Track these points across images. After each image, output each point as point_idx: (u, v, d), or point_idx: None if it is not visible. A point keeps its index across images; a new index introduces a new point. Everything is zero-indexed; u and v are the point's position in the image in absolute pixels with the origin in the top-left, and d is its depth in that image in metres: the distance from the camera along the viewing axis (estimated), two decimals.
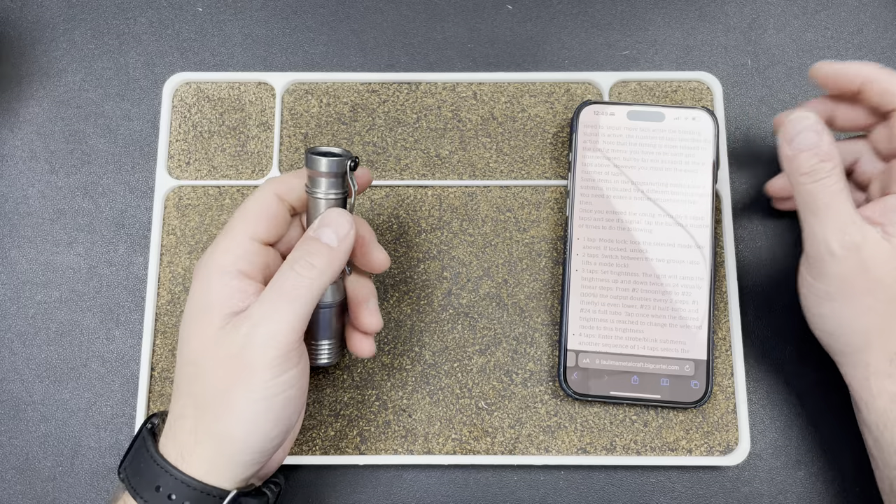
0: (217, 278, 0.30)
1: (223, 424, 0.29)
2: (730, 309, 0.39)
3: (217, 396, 0.29)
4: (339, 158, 0.31)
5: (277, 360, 0.29)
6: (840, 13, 0.44)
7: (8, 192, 0.42)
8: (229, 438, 0.29)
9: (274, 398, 0.29)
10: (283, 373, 0.29)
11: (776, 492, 0.38)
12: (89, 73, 0.43)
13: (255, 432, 0.29)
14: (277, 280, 0.30)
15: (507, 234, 0.40)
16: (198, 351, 0.30)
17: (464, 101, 0.42)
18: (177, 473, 0.29)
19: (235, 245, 0.31)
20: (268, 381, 0.29)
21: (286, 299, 0.29)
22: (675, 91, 0.42)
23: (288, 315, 0.29)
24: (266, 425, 0.29)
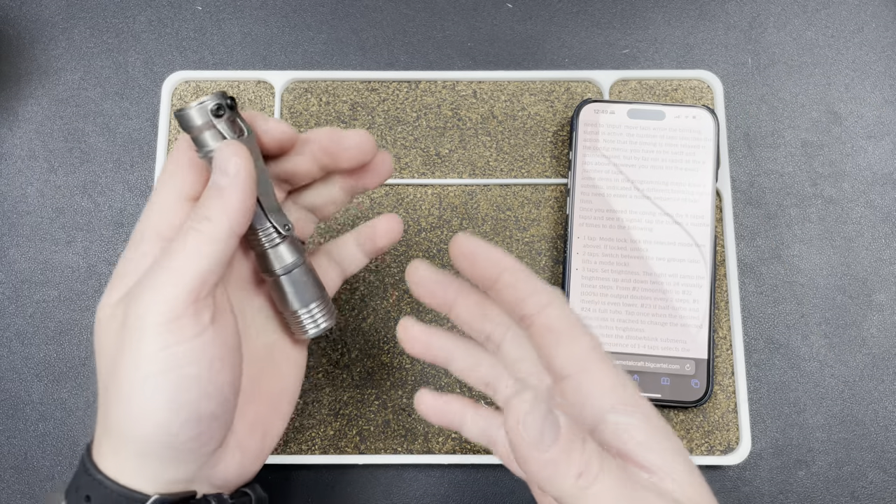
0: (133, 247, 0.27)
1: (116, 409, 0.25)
2: (730, 308, 0.39)
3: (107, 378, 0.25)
4: (198, 104, 0.26)
5: (163, 326, 0.24)
6: (840, 12, 0.44)
7: (7, 190, 0.41)
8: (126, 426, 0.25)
9: (166, 375, 0.24)
10: (174, 344, 0.24)
11: (777, 491, 0.38)
12: (88, 72, 0.43)
13: (150, 419, 0.24)
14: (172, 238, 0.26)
15: (507, 233, 0.40)
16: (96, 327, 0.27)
17: (464, 100, 0.42)
18: (93, 472, 0.25)
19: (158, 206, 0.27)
20: (154, 353, 0.24)
21: (172, 256, 0.25)
22: (676, 89, 0.42)
23: (173, 274, 0.24)
24: (162, 411, 0.24)
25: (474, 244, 0.26)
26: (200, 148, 0.27)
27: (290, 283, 0.29)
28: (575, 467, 0.22)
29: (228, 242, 0.25)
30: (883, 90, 0.43)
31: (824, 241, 0.41)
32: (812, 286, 0.40)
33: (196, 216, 0.25)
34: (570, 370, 0.25)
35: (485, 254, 0.26)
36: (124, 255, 0.27)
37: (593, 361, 0.25)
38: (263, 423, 0.29)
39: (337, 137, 0.28)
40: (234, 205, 0.25)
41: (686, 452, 0.24)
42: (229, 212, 0.25)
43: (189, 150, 0.27)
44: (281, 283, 0.29)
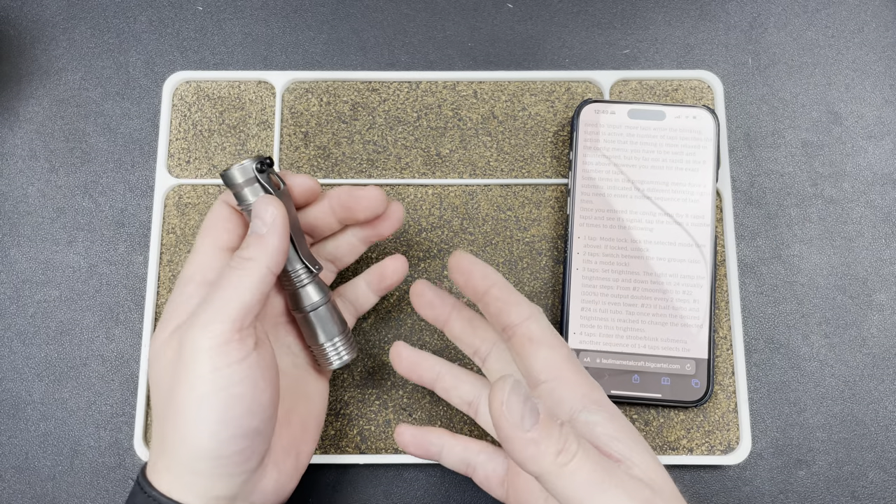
0: (180, 289, 0.31)
1: (172, 429, 0.28)
2: (731, 308, 0.39)
3: (166, 401, 0.29)
4: (240, 165, 0.31)
5: (213, 351, 0.27)
6: (841, 12, 0.44)
7: (8, 190, 0.41)
8: (181, 444, 0.28)
9: (217, 394, 0.27)
10: (224, 366, 0.27)
11: (777, 491, 0.38)
12: (89, 72, 0.43)
13: (202, 433, 0.27)
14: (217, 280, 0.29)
15: (508, 233, 0.40)
16: (151, 359, 0.30)
17: (464, 100, 0.42)
18: (147, 489, 0.28)
19: (198, 255, 0.31)
20: (206, 374, 0.27)
21: (219, 291, 0.28)
22: (676, 90, 0.42)
23: (221, 305, 0.28)
24: (213, 425, 0.27)
25: (469, 261, 0.31)
26: (242, 202, 0.31)
27: (317, 319, 0.33)
28: (554, 445, 0.24)
29: (267, 280, 0.29)
30: (883, 90, 0.43)
31: (824, 241, 0.41)
32: (812, 286, 0.40)
33: (239, 258, 0.29)
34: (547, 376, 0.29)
35: (478, 270, 0.31)
36: (171, 299, 0.31)
37: (567, 369, 0.29)
38: (296, 445, 0.32)
39: (353, 194, 0.33)
40: (271, 247, 0.29)
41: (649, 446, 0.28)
42: (268, 253, 0.29)
43: (225, 208, 0.32)
44: (310, 318, 0.33)
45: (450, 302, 0.34)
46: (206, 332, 0.28)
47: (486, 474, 0.33)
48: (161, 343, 0.30)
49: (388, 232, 0.35)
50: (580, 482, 0.24)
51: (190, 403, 0.27)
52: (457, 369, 0.34)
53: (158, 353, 0.30)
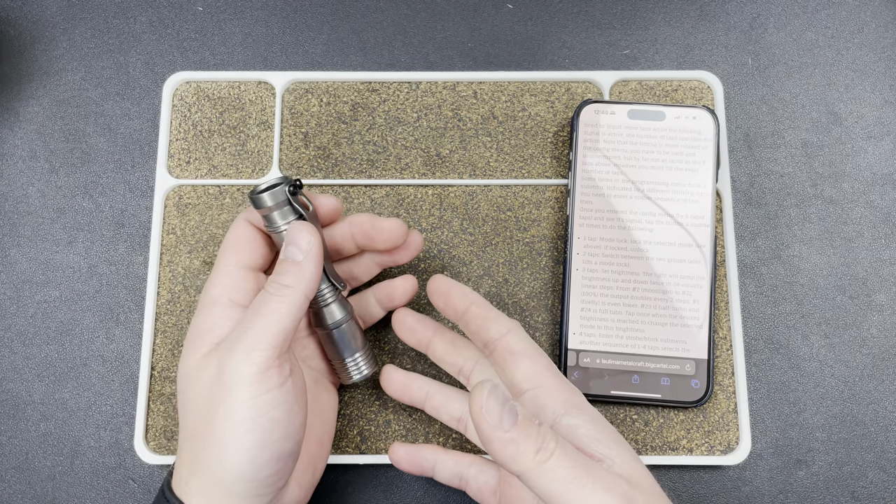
0: (208, 309, 0.31)
1: (209, 451, 0.28)
2: (730, 308, 0.39)
3: (202, 423, 0.29)
4: (272, 190, 0.31)
5: (254, 377, 0.28)
6: (840, 12, 0.44)
7: (8, 191, 0.42)
8: (217, 466, 0.28)
9: (256, 420, 0.28)
10: (264, 392, 0.28)
11: (777, 491, 0.38)
12: (89, 72, 0.43)
13: (242, 457, 0.28)
14: (253, 303, 0.30)
15: (508, 234, 0.40)
16: (184, 380, 0.30)
17: (464, 101, 0.42)
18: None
19: (224, 274, 0.32)
20: (247, 400, 0.28)
21: (259, 317, 0.29)
22: (676, 90, 0.42)
23: (260, 331, 0.29)
24: (252, 449, 0.28)
25: (447, 283, 0.33)
26: (271, 224, 0.32)
27: (340, 336, 0.34)
28: (533, 444, 0.25)
29: (304, 305, 0.30)
30: (883, 91, 0.43)
31: (824, 241, 0.41)
32: (812, 286, 0.40)
33: (278, 283, 0.30)
34: (529, 385, 0.30)
35: (456, 291, 0.32)
36: (197, 318, 0.31)
37: (547, 377, 0.30)
38: (314, 461, 0.33)
39: (375, 225, 0.34)
40: (308, 274, 0.30)
41: (630, 447, 0.29)
42: (305, 280, 0.30)
43: (247, 227, 0.33)
44: (333, 336, 0.34)
45: (431, 325, 0.35)
46: (247, 359, 0.28)
47: (479, 486, 0.34)
48: (194, 366, 0.30)
49: (406, 260, 0.36)
50: (559, 479, 0.25)
51: (229, 428, 0.28)
52: (446, 388, 0.36)
53: (192, 376, 0.30)
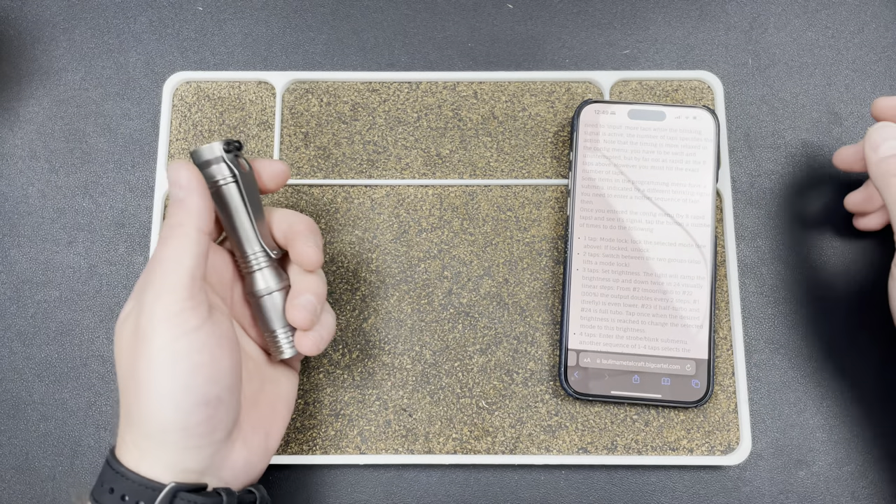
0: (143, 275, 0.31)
1: (135, 403, 0.28)
2: (731, 308, 0.39)
3: (127, 377, 0.29)
4: (208, 145, 0.32)
5: (168, 321, 0.28)
6: (841, 12, 0.44)
7: (8, 191, 0.42)
8: (145, 417, 0.28)
9: (176, 364, 0.28)
10: (182, 336, 0.28)
11: (777, 492, 0.38)
12: (89, 72, 0.43)
13: (165, 404, 0.28)
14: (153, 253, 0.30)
15: (508, 234, 0.40)
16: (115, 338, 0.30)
17: (464, 101, 0.42)
18: (116, 465, 0.29)
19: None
20: (164, 346, 0.28)
21: (159, 263, 0.29)
22: (676, 90, 0.42)
23: (166, 276, 0.28)
24: (177, 395, 0.28)
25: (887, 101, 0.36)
26: (208, 180, 0.32)
27: (272, 304, 0.33)
28: None
29: (201, 240, 0.29)
30: (883, 90, 0.43)
31: (825, 240, 0.41)
32: (812, 286, 0.40)
33: (168, 226, 0.30)
34: None
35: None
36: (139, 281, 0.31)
37: None
38: (265, 425, 0.33)
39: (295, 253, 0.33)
40: (194, 207, 0.30)
41: None
42: (192, 214, 0.30)
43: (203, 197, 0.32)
44: (263, 303, 0.33)
45: None
46: (157, 304, 0.28)
47: None
48: (120, 322, 0.30)
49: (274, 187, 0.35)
50: None
51: (151, 375, 0.28)
52: None
53: (118, 332, 0.30)
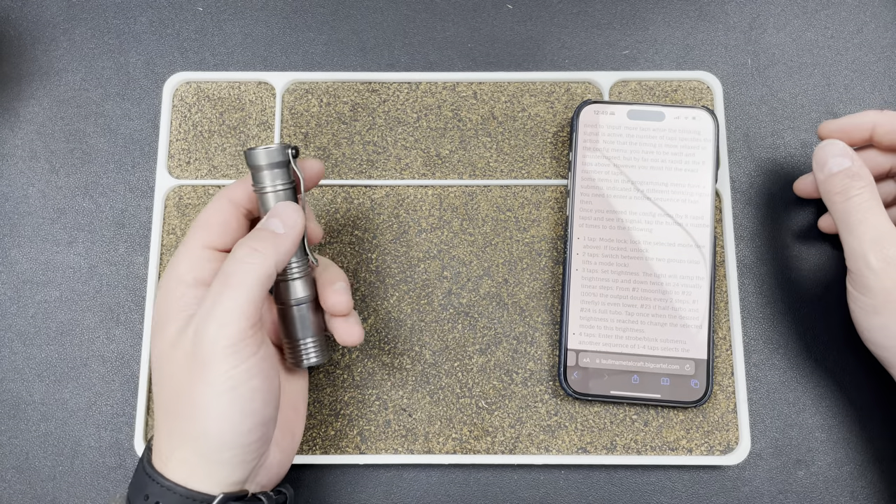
0: (174, 287, 0.31)
1: (191, 424, 0.29)
2: (730, 308, 0.39)
3: (180, 398, 0.29)
4: (275, 147, 0.32)
5: (231, 349, 0.28)
6: (840, 13, 0.44)
7: (8, 191, 0.42)
8: (201, 436, 0.28)
9: (236, 390, 0.28)
10: (241, 362, 0.28)
11: (776, 491, 0.38)
12: (89, 73, 0.43)
13: (225, 427, 0.28)
14: (221, 271, 0.30)
15: (508, 234, 0.40)
16: (160, 359, 0.30)
17: (464, 101, 0.42)
18: (161, 480, 0.29)
19: (189, 254, 0.31)
20: (225, 372, 0.28)
21: (229, 287, 0.29)
22: (676, 90, 0.42)
23: (232, 302, 0.28)
24: (234, 417, 0.28)
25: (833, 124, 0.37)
26: (259, 182, 0.32)
27: (299, 314, 0.33)
28: None
29: (272, 276, 0.30)
30: (882, 91, 0.43)
31: (824, 240, 0.41)
32: (812, 286, 0.40)
33: (247, 248, 0.30)
34: None
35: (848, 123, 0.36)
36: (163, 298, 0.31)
37: None
38: (291, 425, 0.34)
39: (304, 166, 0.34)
40: (283, 248, 0.30)
41: None
42: (279, 251, 0.30)
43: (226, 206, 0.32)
44: (292, 313, 0.33)
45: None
46: (222, 333, 0.28)
47: None
48: (169, 343, 0.30)
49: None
50: None
51: (212, 400, 0.28)
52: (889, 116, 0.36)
53: (166, 354, 0.30)
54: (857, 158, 0.35)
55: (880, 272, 0.33)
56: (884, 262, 0.33)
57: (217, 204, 0.33)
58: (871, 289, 0.33)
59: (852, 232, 0.33)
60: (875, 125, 0.36)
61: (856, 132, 0.36)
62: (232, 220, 0.33)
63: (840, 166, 0.34)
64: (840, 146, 0.35)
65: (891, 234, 0.33)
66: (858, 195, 0.34)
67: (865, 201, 0.34)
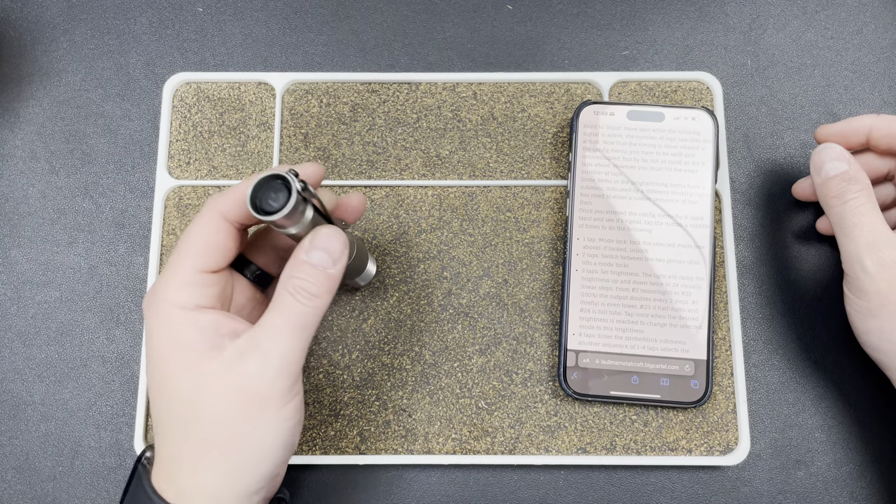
0: (180, 316, 0.29)
1: (233, 459, 0.28)
2: (730, 309, 0.39)
3: (223, 433, 0.28)
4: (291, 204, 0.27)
5: (288, 388, 0.28)
6: (840, 13, 0.44)
7: (8, 192, 0.42)
8: (241, 472, 0.28)
9: (284, 425, 0.29)
10: (292, 400, 0.29)
11: (776, 492, 0.38)
12: (89, 73, 0.43)
13: (268, 462, 0.29)
14: (280, 309, 0.29)
15: (507, 234, 0.40)
16: (190, 390, 0.29)
17: (464, 101, 0.42)
18: None
19: (184, 281, 0.29)
20: (279, 410, 0.28)
21: (294, 329, 0.28)
22: (675, 91, 0.42)
23: (297, 344, 0.28)
24: (277, 452, 0.29)
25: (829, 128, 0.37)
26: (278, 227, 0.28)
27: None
28: None
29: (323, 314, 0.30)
30: (882, 92, 0.43)
31: (823, 241, 0.41)
32: (811, 286, 0.40)
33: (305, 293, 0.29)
34: None
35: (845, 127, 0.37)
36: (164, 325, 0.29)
37: None
38: None
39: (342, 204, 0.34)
40: (336, 284, 0.30)
41: None
42: (332, 290, 0.30)
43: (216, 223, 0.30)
44: None
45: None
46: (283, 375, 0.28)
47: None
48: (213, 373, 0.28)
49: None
50: None
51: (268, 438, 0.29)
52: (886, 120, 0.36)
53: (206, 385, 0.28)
54: (854, 162, 0.35)
55: (876, 275, 0.33)
56: (879, 266, 0.33)
57: (211, 223, 0.30)
58: (867, 292, 0.33)
59: (848, 235, 0.34)
60: (871, 129, 0.36)
61: (852, 136, 0.37)
62: (228, 240, 0.30)
63: (836, 170, 0.35)
64: (837, 150, 0.35)
65: (886, 237, 0.33)
66: (854, 199, 0.34)
67: (861, 205, 0.34)
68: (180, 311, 0.29)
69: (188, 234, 0.30)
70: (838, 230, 0.34)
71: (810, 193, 0.39)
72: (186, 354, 0.29)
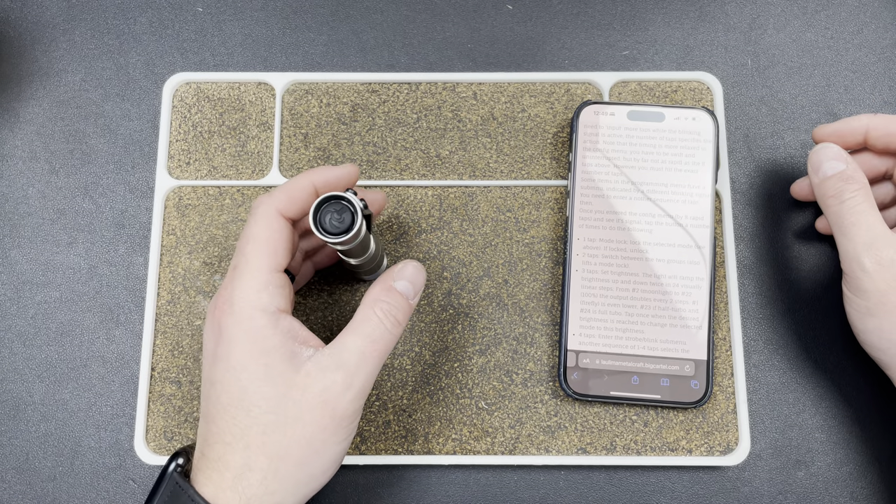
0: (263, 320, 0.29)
1: (306, 471, 0.29)
2: (730, 309, 0.39)
3: (306, 447, 0.29)
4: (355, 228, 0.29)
5: (360, 409, 0.30)
6: (840, 13, 0.44)
7: (8, 192, 0.42)
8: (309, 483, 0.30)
9: (346, 442, 0.30)
10: (358, 417, 0.30)
11: (776, 492, 0.38)
12: (89, 73, 0.43)
13: (329, 474, 0.30)
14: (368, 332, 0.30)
15: (507, 235, 0.40)
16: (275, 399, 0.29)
17: (464, 101, 0.42)
18: None
19: (264, 282, 0.30)
20: (350, 425, 0.30)
21: (379, 354, 0.30)
22: (676, 91, 0.42)
23: (377, 368, 0.30)
24: (336, 467, 0.31)
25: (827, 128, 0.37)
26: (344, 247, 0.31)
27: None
28: None
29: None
30: (882, 91, 0.43)
31: (823, 241, 0.41)
32: (812, 286, 0.40)
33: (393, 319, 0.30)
34: None
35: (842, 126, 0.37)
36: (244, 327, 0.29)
37: None
38: None
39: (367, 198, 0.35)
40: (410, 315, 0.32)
41: None
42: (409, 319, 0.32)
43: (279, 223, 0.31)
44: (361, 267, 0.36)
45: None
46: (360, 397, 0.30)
47: None
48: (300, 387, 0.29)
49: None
50: None
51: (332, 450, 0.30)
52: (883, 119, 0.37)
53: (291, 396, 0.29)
54: (852, 161, 0.35)
55: (874, 274, 0.33)
56: (877, 265, 0.33)
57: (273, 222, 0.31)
58: (866, 291, 0.33)
59: (846, 234, 0.34)
60: (868, 128, 0.36)
61: (850, 135, 0.37)
62: (294, 237, 0.32)
63: (834, 170, 0.35)
64: (834, 150, 0.35)
65: (884, 236, 0.33)
66: (852, 198, 0.34)
67: (859, 204, 0.34)
68: (262, 315, 0.29)
69: (251, 235, 0.30)
70: (836, 230, 0.34)
71: (808, 193, 0.39)
72: (270, 361, 0.29)
